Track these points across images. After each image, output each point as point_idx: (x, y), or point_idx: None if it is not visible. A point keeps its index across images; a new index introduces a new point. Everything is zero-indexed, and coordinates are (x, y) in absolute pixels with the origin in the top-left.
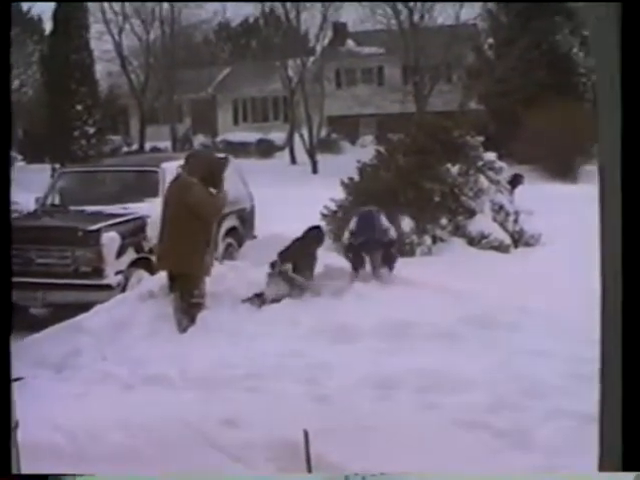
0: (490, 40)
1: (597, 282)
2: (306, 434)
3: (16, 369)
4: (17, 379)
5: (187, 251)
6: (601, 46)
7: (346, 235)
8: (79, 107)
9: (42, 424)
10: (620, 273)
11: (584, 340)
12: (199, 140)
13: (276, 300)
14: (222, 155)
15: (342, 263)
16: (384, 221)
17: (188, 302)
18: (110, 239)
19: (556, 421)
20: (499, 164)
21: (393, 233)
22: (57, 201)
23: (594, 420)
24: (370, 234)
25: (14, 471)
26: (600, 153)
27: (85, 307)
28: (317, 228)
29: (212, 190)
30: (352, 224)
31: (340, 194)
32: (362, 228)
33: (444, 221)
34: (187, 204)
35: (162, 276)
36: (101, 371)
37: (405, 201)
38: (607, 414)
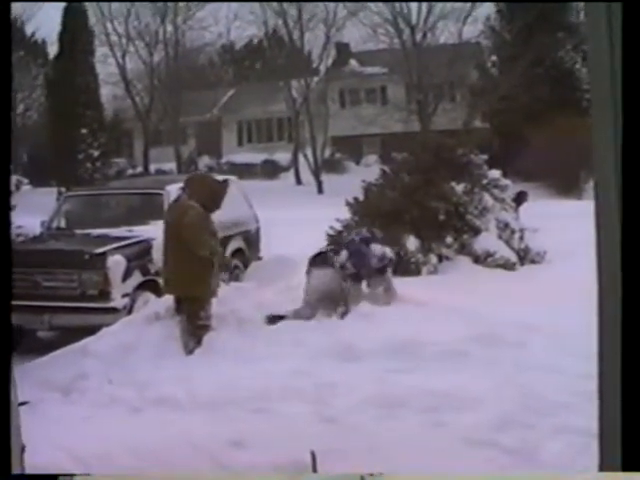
0: (493, 57)
1: None
2: (313, 455)
3: (22, 392)
4: (23, 403)
5: (191, 274)
6: (597, 62)
7: (337, 266)
8: (84, 130)
9: (49, 447)
10: (620, 290)
11: (590, 357)
12: (204, 162)
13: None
14: (222, 178)
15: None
16: (376, 247)
17: (195, 324)
18: (116, 262)
19: (563, 438)
20: (504, 182)
21: (389, 254)
22: (63, 224)
23: None
24: (361, 264)
25: None
26: (596, 169)
27: (91, 330)
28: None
29: (211, 214)
30: (342, 256)
31: (346, 214)
32: (353, 260)
33: (449, 240)
34: (182, 227)
35: (168, 298)
36: (108, 394)
37: (410, 220)
38: (607, 418)
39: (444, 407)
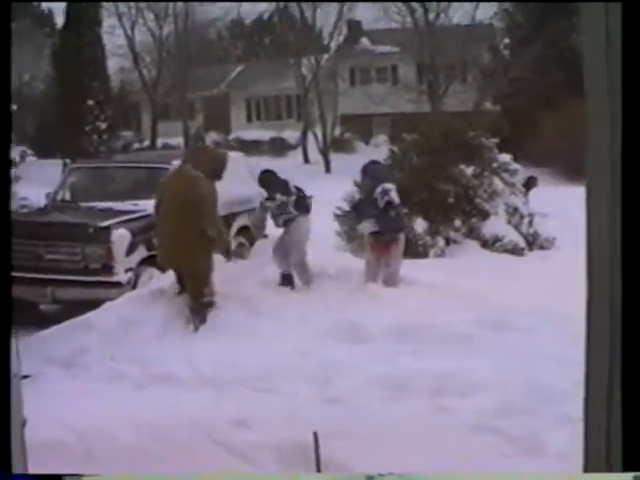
0: (506, 40)
1: None
2: (316, 436)
3: (24, 365)
4: (25, 376)
5: (192, 248)
6: (593, 61)
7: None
8: (91, 102)
9: (50, 422)
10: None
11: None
12: (211, 137)
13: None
14: (221, 149)
15: (356, 264)
16: (389, 185)
17: (198, 301)
18: (120, 236)
19: (567, 427)
20: (514, 166)
21: (396, 197)
22: (68, 197)
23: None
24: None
25: (20, 469)
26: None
27: (94, 304)
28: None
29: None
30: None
31: (354, 194)
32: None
33: (458, 223)
34: (194, 198)
35: (173, 274)
36: (110, 369)
37: (419, 202)
38: (592, 415)
39: (449, 391)
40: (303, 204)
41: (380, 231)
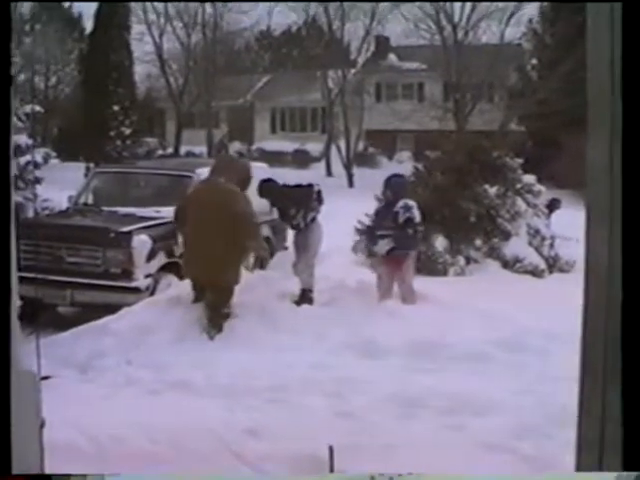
0: (534, 61)
1: None
2: (331, 449)
3: (41, 367)
4: (45, 377)
5: (225, 262)
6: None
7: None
8: (116, 107)
9: (64, 425)
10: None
11: None
12: (235, 147)
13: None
14: (244, 160)
15: (374, 280)
16: (411, 202)
17: (218, 312)
18: (141, 242)
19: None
20: (538, 187)
21: (417, 215)
22: (90, 201)
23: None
24: (399, 195)
25: (37, 470)
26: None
27: (112, 309)
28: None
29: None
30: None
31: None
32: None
33: (479, 242)
34: (233, 214)
35: (189, 282)
36: (126, 374)
37: (440, 220)
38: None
39: (463, 410)
40: (320, 198)
41: (395, 247)
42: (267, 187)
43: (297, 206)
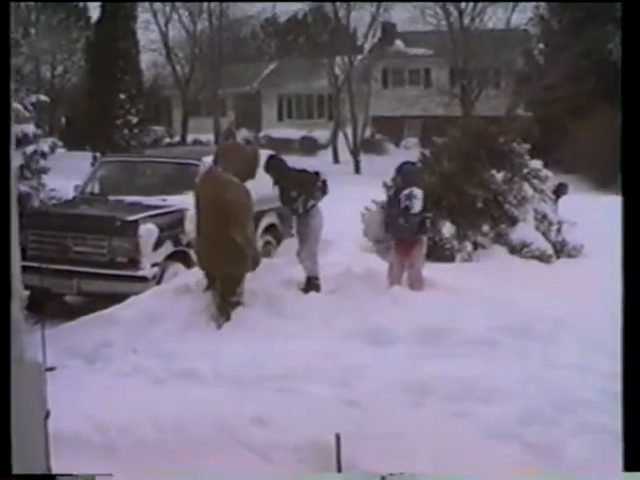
0: (540, 46)
1: None
2: (338, 437)
3: (48, 356)
4: (50, 369)
5: (227, 252)
6: None
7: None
8: (122, 96)
9: (71, 414)
10: None
11: (618, 356)
12: (242, 134)
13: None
14: (252, 146)
15: (381, 266)
16: (417, 192)
17: (227, 301)
18: (148, 231)
19: (588, 437)
20: (545, 172)
21: (418, 205)
22: (97, 190)
23: None
24: (410, 182)
25: (42, 460)
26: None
27: (119, 298)
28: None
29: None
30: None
31: (382, 195)
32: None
33: (486, 228)
34: (223, 203)
35: (198, 270)
36: (133, 364)
37: (447, 206)
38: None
39: (470, 397)
40: (325, 188)
41: (401, 232)
42: (273, 163)
43: (299, 190)
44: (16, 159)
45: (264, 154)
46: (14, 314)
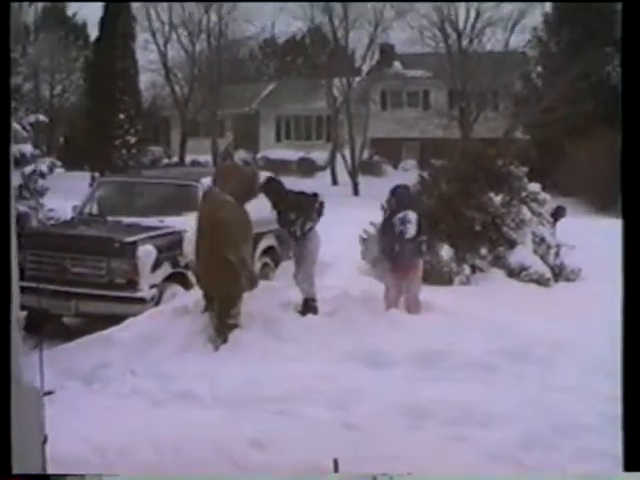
0: (539, 68)
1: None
2: (336, 462)
3: (45, 378)
4: (48, 393)
5: (224, 272)
6: None
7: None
8: (121, 116)
9: (68, 436)
10: None
11: (619, 379)
12: (240, 155)
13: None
14: (250, 167)
15: (378, 289)
16: (411, 215)
17: (224, 322)
18: (146, 252)
19: (587, 461)
20: (543, 196)
21: (412, 230)
22: (95, 210)
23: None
24: (404, 205)
25: None
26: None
27: (117, 319)
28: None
29: (244, 206)
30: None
31: (380, 218)
32: (397, 200)
33: (484, 251)
34: (218, 223)
35: (196, 292)
36: (130, 385)
37: (445, 229)
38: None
39: (468, 420)
40: (321, 210)
41: (397, 256)
42: (272, 186)
43: (297, 212)
44: (14, 179)
45: (262, 176)
46: (12, 336)
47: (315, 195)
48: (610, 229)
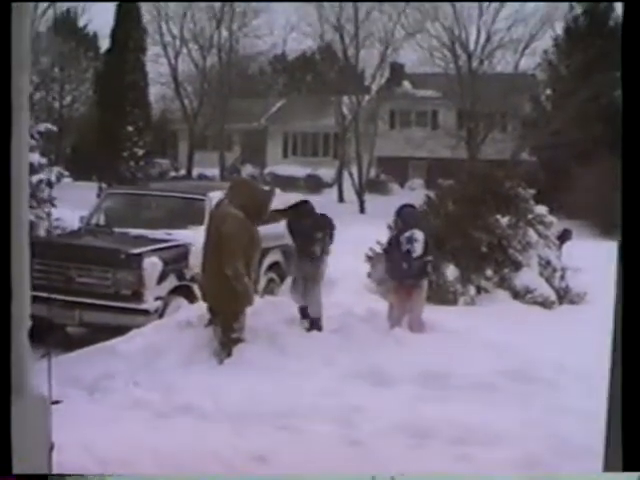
0: (548, 91)
1: None
2: None
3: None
4: (56, 402)
5: (227, 286)
6: None
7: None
8: (130, 128)
9: (71, 446)
10: None
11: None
12: (247, 170)
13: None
14: (268, 188)
15: (383, 307)
16: (418, 234)
17: (228, 336)
18: (152, 264)
19: None
20: (549, 218)
21: (419, 249)
22: (102, 221)
23: None
24: (410, 225)
25: None
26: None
27: (121, 330)
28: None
29: (253, 223)
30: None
31: (386, 236)
32: (403, 220)
33: (490, 272)
34: (219, 235)
35: (201, 305)
36: (133, 397)
37: (451, 249)
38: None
39: (471, 440)
40: (333, 232)
41: (403, 275)
42: (305, 208)
43: (323, 232)
44: None
45: (294, 198)
46: (20, 344)
47: (329, 217)
48: (615, 253)
